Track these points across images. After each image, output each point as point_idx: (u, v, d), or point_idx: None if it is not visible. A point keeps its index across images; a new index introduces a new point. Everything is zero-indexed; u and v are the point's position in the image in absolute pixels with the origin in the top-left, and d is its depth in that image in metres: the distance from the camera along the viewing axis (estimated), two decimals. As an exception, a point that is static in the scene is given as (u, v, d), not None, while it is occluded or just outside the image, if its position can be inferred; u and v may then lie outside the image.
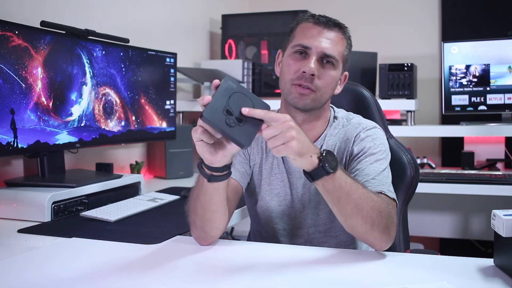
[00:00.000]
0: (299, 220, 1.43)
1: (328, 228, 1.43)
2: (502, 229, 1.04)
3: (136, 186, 1.95)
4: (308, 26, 1.36)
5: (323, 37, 1.34)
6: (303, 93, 1.33)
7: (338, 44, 1.36)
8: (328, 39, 1.34)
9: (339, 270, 1.14)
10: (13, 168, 1.83)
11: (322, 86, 1.34)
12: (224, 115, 1.04)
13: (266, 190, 1.45)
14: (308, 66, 1.31)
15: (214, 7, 3.22)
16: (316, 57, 1.33)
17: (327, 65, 1.34)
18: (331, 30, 1.35)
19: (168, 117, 2.28)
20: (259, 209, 1.47)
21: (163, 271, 1.13)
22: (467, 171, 2.59)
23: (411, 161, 1.62)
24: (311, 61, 1.32)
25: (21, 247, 1.33)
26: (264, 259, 1.22)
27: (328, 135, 1.43)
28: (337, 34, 1.36)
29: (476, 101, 2.70)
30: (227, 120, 1.04)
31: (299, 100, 1.34)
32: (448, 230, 2.95)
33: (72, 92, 1.79)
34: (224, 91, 1.06)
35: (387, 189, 1.29)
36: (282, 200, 1.44)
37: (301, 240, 1.44)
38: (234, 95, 1.06)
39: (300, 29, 1.37)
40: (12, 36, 1.55)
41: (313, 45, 1.33)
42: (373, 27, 3.31)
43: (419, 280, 1.06)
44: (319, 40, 1.33)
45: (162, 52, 2.24)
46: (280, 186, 1.44)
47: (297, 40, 1.36)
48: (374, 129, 1.41)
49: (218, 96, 1.05)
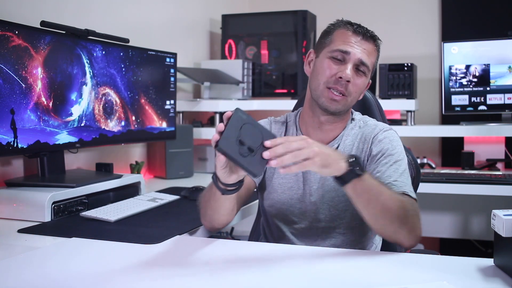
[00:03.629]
0: (309, 214, 1.45)
1: (336, 225, 1.44)
2: (502, 229, 1.04)
3: (136, 186, 1.95)
4: (348, 34, 1.42)
5: (361, 46, 1.40)
6: (335, 98, 1.39)
7: (372, 55, 1.43)
8: (365, 49, 1.41)
9: (339, 270, 1.14)
10: (13, 168, 1.83)
11: (354, 91, 1.41)
12: (237, 145, 1.11)
13: (279, 183, 1.49)
14: (345, 72, 1.38)
15: (214, 7, 3.22)
16: (352, 64, 1.39)
17: (360, 73, 1.41)
18: (368, 41, 1.43)
19: (168, 117, 2.28)
20: (270, 202, 1.50)
21: (163, 271, 1.13)
22: (467, 171, 2.59)
23: (412, 162, 1.62)
24: (348, 68, 1.38)
25: (21, 247, 1.33)
26: (264, 259, 1.22)
27: (345, 135, 1.48)
28: (373, 45, 1.44)
29: (476, 101, 2.70)
30: (240, 150, 1.11)
31: (330, 105, 1.40)
32: (448, 230, 2.95)
33: (72, 92, 1.79)
34: (236, 122, 1.12)
35: (409, 190, 1.35)
36: (294, 193, 1.47)
37: (309, 234, 1.46)
38: (244, 126, 1.13)
39: (339, 34, 1.43)
40: (12, 36, 1.55)
41: (352, 52, 1.39)
42: (373, 27, 3.29)
43: (419, 280, 1.06)
44: (357, 48, 1.40)
45: (162, 52, 2.24)
46: (294, 180, 1.47)
47: (337, 45, 1.41)
48: (390, 130, 1.46)
49: (231, 127, 1.12)
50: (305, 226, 1.46)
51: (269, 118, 1.58)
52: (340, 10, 3.14)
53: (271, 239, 1.54)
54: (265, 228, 1.58)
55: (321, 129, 1.46)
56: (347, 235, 1.45)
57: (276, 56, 3.01)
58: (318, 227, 1.45)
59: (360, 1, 3.36)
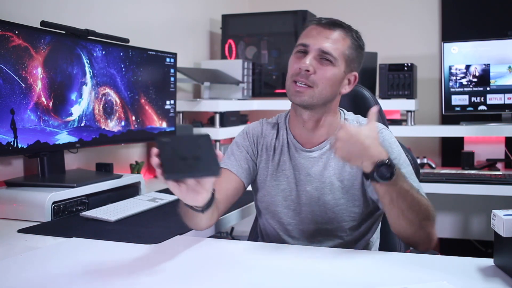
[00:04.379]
0: (304, 215, 1.44)
1: (334, 228, 1.43)
2: (502, 229, 1.04)
3: (136, 186, 1.95)
4: (311, 28, 1.41)
5: (322, 36, 1.38)
6: (299, 90, 1.37)
7: (338, 43, 1.38)
8: (327, 38, 1.37)
9: (339, 270, 1.14)
10: (13, 168, 1.83)
11: (319, 81, 1.36)
12: (182, 163, 1.05)
13: (272, 185, 1.47)
14: (304, 62, 1.35)
15: (214, 7, 3.22)
16: (313, 54, 1.36)
17: (325, 62, 1.37)
18: (333, 30, 1.39)
19: (168, 117, 2.28)
20: (264, 204, 1.49)
21: (163, 271, 1.13)
22: (467, 171, 2.59)
23: (411, 162, 1.61)
24: (308, 58, 1.36)
25: (21, 247, 1.32)
26: (264, 259, 1.22)
27: None
28: (339, 33, 1.39)
29: (476, 101, 2.70)
30: (187, 164, 1.05)
31: (296, 97, 1.38)
32: (448, 230, 2.95)
33: (72, 92, 1.79)
34: (164, 148, 1.06)
35: (423, 192, 1.35)
36: (288, 195, 1.46)
37: (304, 236, 1.45)
38: (173, 144, 1.07)
39: (304, 31, 1.43)
40: (12, 36, 1.55)
41: (311, 43, 1.37)
42: (373, 27, 3.31)
43: (419, 280, 1.06)
44: (317, 38, 1.37)
45: (162, 52, 2.24)
46: (286, 182, 1.46)
47: (299, 41, 1.41)
48: (386, 131, 1.45)
49: (164, 154, 1.05)
50: (301, 228, 1.45)
51: (261, 120, 1.56)
52: (340, 10, 3.15)
53: (268, 241, 1.53)
54: (261, 230, 1.57)
55: (307, 128, 1.44)
56: (344, 237, 1.43)
57: (276, 56, 3.01)
58: (314, 229, 1.44)
59: (360, 1, 3.36)
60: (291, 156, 1.47)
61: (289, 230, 1.46)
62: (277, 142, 1.50)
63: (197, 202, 1.17)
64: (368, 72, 2.88)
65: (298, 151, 1.46)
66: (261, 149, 1.51)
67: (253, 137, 1.52)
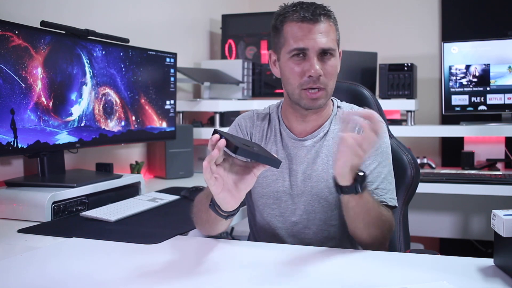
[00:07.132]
0: (296, 206, 1.43)
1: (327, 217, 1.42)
2: (502, 229, 1.04)
3: (136, 186, 1.95)
4: (297, 27, 1.33)
5: (315, 33, 1.32)
6: (315, 97, 1.35)
7: (330, 34, 1.35)
8: (321, 33, 1.32)
9: (339, 270, 1.14)
10: (13, 168, 1.83)
11: (328, 80, 1.35)
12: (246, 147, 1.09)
13: (264, 176, 1.46)
14: (313, 68, 1.32)
15: (214, 7, 3.22)
16: (316, 56, 1.33)
17: (327, 57, 1.35)
18: (320, 23, 1.33)
19: (168, 117, 2.28)
20: (256, 196, 1.49)
21: (163, 271, 1.13)
22: (467, 171, 2.59)
23: (411, 161, 1.62)
24: (313, 63, 1.32)
25: (21, 247, 1.32)
26: (264, 259, 1.22)
27: (333, 123, 1.46)
28: (326, 23, 1.34)
29: (476, 101, 2.70)
30: (251, 150, 1.10)
31: (313, 104, 1.37)
32: (448, 230, 2.95)
33: (72, 92, 1.79)
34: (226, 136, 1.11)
35: (390, 198, 1.37)
36: (280, 186, 1.45)
37: (297, 226, 1.44)
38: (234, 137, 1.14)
39: (289, 31, 1.35)
40: (12, 36, 1.55)
41: (309, 46, 1.32)
42: (373, 27, 3.31)
43: (419, 280, 1.06)
44: (312, 38, 1.32)
45: (162, 52, 2.24)
46: (279, 172, 1.44)
47: (292, 44, 1.34)
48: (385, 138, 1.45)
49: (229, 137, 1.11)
50: (293, 218, 1.44)
51: (252, 111, 1.56)
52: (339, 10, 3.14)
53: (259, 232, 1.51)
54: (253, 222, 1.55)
55: (305, 120, 1.44)
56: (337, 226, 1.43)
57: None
58: (307, 218, 1.43)
59: (360, 1, 3.36)
60: (284, 145, 1.47)
61: (281, 220, 1.45)
62: (269, 132, 1.50)
63: (227, 205, 1.18)
64: (368, 72, 2.88)
65: (291, 140, 1.46)
66: (254, 140, 1.51)
67: (246, 129, 1.53)
